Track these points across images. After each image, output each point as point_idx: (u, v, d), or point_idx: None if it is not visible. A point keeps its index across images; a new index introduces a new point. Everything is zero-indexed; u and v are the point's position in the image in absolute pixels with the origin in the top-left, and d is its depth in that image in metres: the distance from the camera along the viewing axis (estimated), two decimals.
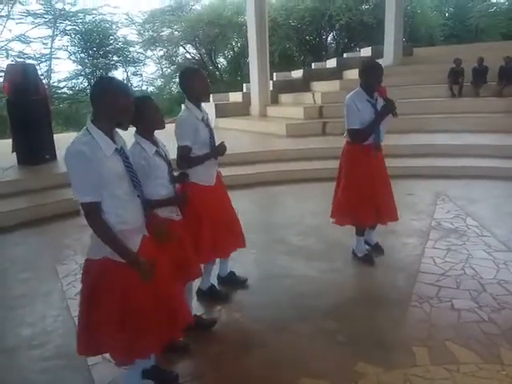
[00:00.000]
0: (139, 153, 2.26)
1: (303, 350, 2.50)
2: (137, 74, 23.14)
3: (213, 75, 24.22)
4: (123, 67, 22.37)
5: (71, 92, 21.64)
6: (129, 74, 22.74)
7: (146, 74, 24.31)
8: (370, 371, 2.25)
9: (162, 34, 22.72)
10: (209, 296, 3.12)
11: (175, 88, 23.62)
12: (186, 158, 2.75)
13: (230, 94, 13.87)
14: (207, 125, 2.86)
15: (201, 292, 3.12)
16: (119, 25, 22.05)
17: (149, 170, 2.27)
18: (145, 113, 2.24)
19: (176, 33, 22.59)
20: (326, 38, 22.67)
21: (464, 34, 22.48)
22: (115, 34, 22.04)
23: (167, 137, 2.68)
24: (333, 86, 11.88)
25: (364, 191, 3.44)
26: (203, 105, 2.89)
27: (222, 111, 11.92)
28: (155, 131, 2.38)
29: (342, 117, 10.60)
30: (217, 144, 2.90)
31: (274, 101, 12.76)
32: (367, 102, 3.29)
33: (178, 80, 1.98)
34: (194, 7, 23.19)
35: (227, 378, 2.31)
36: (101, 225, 1.81)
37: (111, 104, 1.82)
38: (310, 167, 6.97)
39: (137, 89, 22.92)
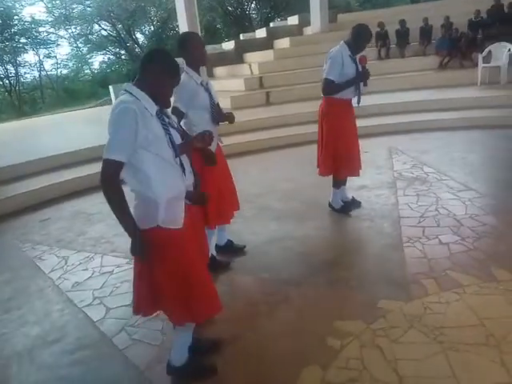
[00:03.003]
0: None
1: (325, 298, 2.68)
2: (50, 56, 21.21)
3: (133, 52, 23.05)
4: (33, 50, 20.37)
5: None
6: (41, 56, 20.77)
7: (59, 56, 22.40)
8: (393, 306, 2.49)
9: (74, 10, 20.95)
10: (211, 266, 3.15)
11: (97, 68, 22.12)
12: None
13: None
14: (207, 89, 2.87)
15: None
16: (23, 3, 19.87)
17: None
18: None
19: (88, 9, 20.96)
20: (249, 8, 22.48)
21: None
22: (20, 13, 19.86)
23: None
24: (267, 55, 11.97)
25: (345, 145, 3.68)
26: None
27: None
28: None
29: (283, 85, 10.75)
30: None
31: (209, 74, 12.57)
32: (349, 57, 3.49)
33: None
34: None
35: (265, 334, 2.41)
36: (117, 186, 1.71)
37: (163, 84, 1.79)
38: (263, 137, 7.07)
39: (51, 72, 21.07)
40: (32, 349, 2.55)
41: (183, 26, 11.41)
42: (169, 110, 2.32)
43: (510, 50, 8.19)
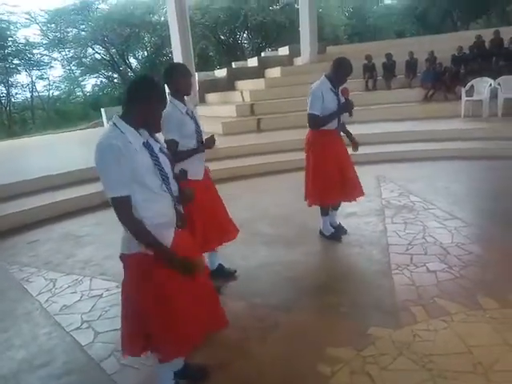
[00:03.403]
0: None
1: (316, 324, 2.70)
2: (42, 78, 21.32)
3: (125, 75, 23.35)
4: (26, 71, 20.49)
5: None
6: (33, 78, 20.89)
7: (52, 77, 22.54)
8: (383, 333, 2.52)
9: (68, 34, 21.23)
10: None
11: (89, 90, 22.29)
12: (174, 152, 2.78)
13: None
14: (192, 117, 2.92)
15: None
16: (18, 25, 20.10)
17: None
18: None
19: (83, 33, 21.28)
20: (241, 37, 23.11)
21: (364, 33, 24.51)
22: (14, 35, 20.06)
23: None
24: (258, 84, 12.25)
25: (331, 174, 3.75)
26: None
27: None
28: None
29: (273, 113, 11.00)
30: (205, 137, 2.98)
31: (201, 100, 12.81)
32: (331, 90, 3.60)
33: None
34: (100, 6, 22.01)
35: (256, 360, 2.41)
36: (133, 220, 1.78)
37: (151, 109, 1.82)
38: (254, 163, 7.17)
39: (43, 94, 21.16)
40: (18, 373, 2.50)
41: (177, 53, 11.69)
42: (158, 136, 2.38)
43: (491, 84, 8.55)
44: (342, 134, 3.88)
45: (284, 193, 5.68)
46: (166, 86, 2.86)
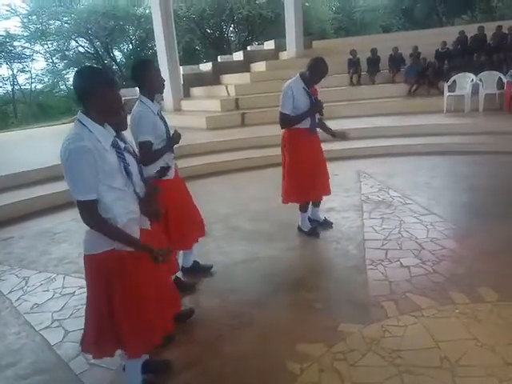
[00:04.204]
0: None
1: (289, 320, 2.70)
2: (24, 71, 20.87)
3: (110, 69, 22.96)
4: (7, 64, 20.03)
5: None
6: (15, 71, 20.44)
7: (34, 71, 22.07)
8: (353, 329, 2.53)
9: (51, 26, 20.77)
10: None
11: (71, 84, 21.85)
12: (150, 154, 2.73)
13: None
14: (162, 118, 2.86)
15: None
16: None
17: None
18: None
19: (66, 25, 20.85)
20: (227, 31, 22.91)
21: (350, 27, 24.50)
22: None
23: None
24: (244, 78, 12.16)
25: (305, 173, 3.75)
26: None
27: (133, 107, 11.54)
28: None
29: (258, 107, 10.90)
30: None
31: (186, 94, 12.68)
32: (303, 89, 3.59)
33: (74, 76, 1.81)
34: None
35: (227, 358, 2.40)
36: (103, 221, 1.78)
37: (103, 95, 1.75)
38: (237, 158, 7.14)
39: (25, 87, 20.73)
40: None
41: (161, 46, 11.54)
42: (126, 135, 2.32)
43: (473, 80, 8.63)
44: (318, 130, 3.88)
45: (266, 188, 5.65)
46: (136, 84, 2.80)
